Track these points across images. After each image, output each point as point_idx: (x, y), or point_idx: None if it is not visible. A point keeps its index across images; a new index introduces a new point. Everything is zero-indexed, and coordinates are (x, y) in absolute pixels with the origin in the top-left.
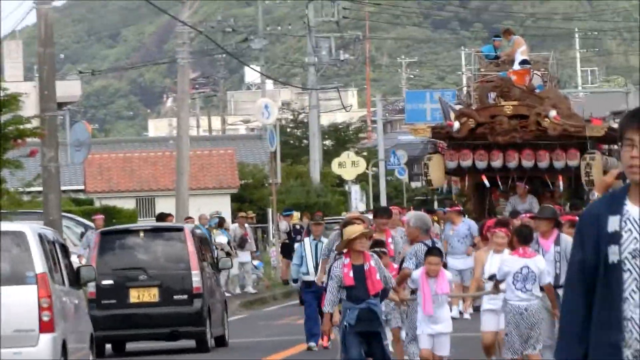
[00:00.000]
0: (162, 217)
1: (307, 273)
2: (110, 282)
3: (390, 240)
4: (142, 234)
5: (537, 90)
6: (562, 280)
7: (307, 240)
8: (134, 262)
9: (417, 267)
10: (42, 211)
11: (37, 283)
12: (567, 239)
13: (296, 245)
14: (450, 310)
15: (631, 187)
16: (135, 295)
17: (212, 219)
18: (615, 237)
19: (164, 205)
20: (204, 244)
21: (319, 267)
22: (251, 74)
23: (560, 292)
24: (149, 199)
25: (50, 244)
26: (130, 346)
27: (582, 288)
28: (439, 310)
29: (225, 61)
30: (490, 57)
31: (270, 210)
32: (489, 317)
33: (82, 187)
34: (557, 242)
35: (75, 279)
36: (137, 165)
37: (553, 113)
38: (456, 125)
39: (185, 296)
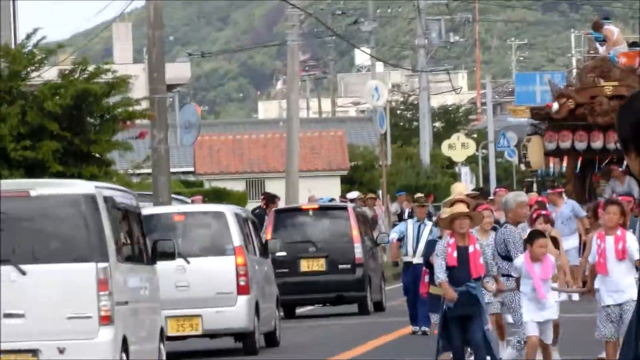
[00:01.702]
0: (270, 197)
1: (407, 254)
2: (284, 254)
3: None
4: (311, 212)
5: None
6: None
7: (410, 221)
8: (304, 236)
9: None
10: (151, 193)
11: (235, 254)
12: None
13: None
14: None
15: None
16: (305, 265)
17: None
18: None
19: (274, 187)
20: (365, 221)
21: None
22: (361, 56)
23: None
24: (259, 181)
25: (244, 221)
26: (299, 311)
27: None
28: (547, 295)
29: (335, 43)
30: (599, 40)
31: (380, 192)
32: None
33: (191, 169)
34: None
35: (264, 250)
36: (246, 147)
37: None
38: (555, 106)
39: (348, 265)
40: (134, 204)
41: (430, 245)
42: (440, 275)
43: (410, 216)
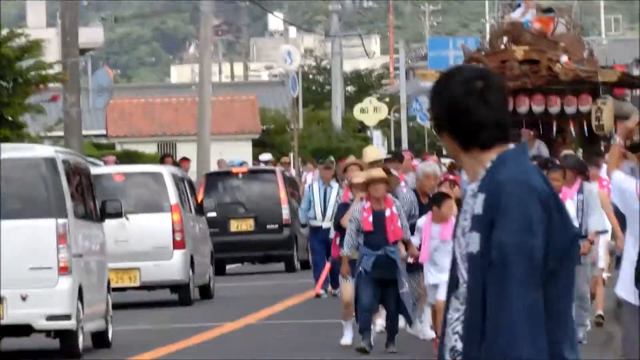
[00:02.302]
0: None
1: (315, 218)
2: (214, 214)
3: (402, 184)
4: (240, 176)
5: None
6: (583, 230)
7: (315, 184)
8: (234, 198)
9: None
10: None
11: (171, 211)
12: (591, 188)
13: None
14: None
15: None
16: (235, 225)
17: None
18: None
19: (186, 149)
20: (292, 184)
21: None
22: (274, 21)
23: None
24: (171, 144)
25: (180, 181)
26: (228, 268)
27: None
28: (446, 258)
29: (249, 8)
30: (514, 5)
31: (292, 156)
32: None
33: (104, 132)
34: (580, 190)
35: (199, 209)
36: (159, 110)
37: (564, 58)
38: None
39: (276, 225)
40: (86, 167)
41: (342, 208)
42: (346, 248)
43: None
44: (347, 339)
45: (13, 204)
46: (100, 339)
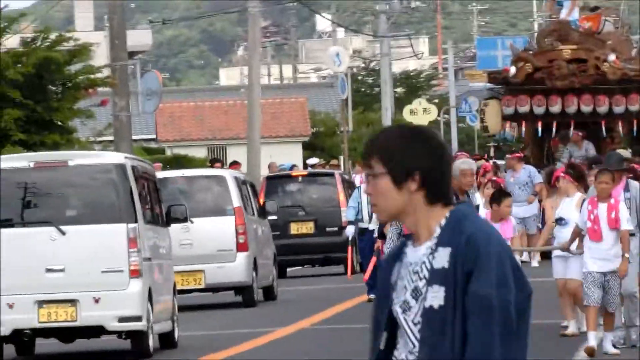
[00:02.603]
0: (212, 162)
1: (362, 220)
2: (275, 217)
3: None
4: (300, 179)
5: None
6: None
7: (363, 186)
8: (294, 201)
9: None
10: None
11: (235, 214)
12: (636, 185)
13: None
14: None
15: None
16: (295, 228)
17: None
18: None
19: (236, 153)
20: (350, 187)
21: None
22: (322, 22)
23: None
24: (221, 148)
25: (243, 184)
26: (289, 271)
27: None
28: None
29: (297, 9)
30: (561, 4)
31: (342, 158)
32: (557, 263)
33: (153, 136)
34: (626, 188)
35: (262, 211)
36: (208, 114)
37: (612, 57)
38: (513, 70)
39: (336, 228)
40: (153, 173)
41: None
42: (387, 253)
43: None
44: None
45: (85, 210)
46: (167, 340)
